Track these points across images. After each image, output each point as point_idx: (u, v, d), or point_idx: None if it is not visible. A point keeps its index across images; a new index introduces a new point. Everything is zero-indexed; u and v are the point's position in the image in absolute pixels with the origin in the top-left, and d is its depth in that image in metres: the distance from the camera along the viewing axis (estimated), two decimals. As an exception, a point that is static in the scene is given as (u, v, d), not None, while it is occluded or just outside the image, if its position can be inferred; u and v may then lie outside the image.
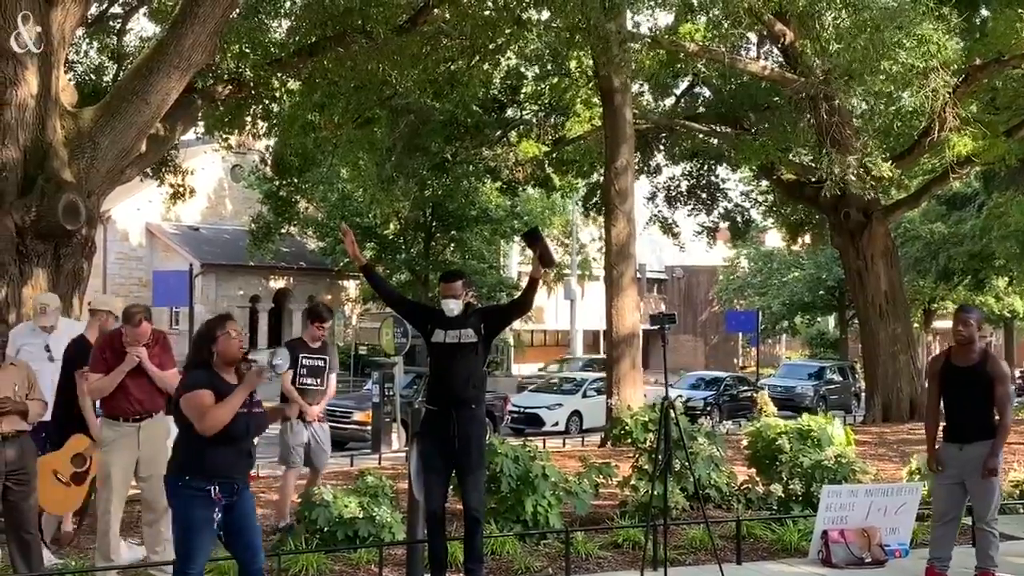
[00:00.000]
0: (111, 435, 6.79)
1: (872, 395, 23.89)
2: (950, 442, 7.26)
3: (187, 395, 5.47)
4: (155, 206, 36.00)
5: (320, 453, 9.06)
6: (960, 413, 7.23)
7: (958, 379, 7.23)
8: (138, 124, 10.35)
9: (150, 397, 6.84)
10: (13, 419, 6.42)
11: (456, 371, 6.84)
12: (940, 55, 15.69)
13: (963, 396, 7.20)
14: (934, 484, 7.53)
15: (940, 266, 38.19)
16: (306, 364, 9.01)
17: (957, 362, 7.27)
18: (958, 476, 7.18)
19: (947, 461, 7.25)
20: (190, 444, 5.48)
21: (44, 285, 9.64)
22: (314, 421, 8.93)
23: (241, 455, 5.61)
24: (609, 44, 16.24)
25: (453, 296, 6.92)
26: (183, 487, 5.47)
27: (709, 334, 59.28)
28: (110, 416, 6.82)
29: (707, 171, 29.39)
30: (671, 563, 7.73)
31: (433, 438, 6.92)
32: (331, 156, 21.70)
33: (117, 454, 6.76)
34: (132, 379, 6.73)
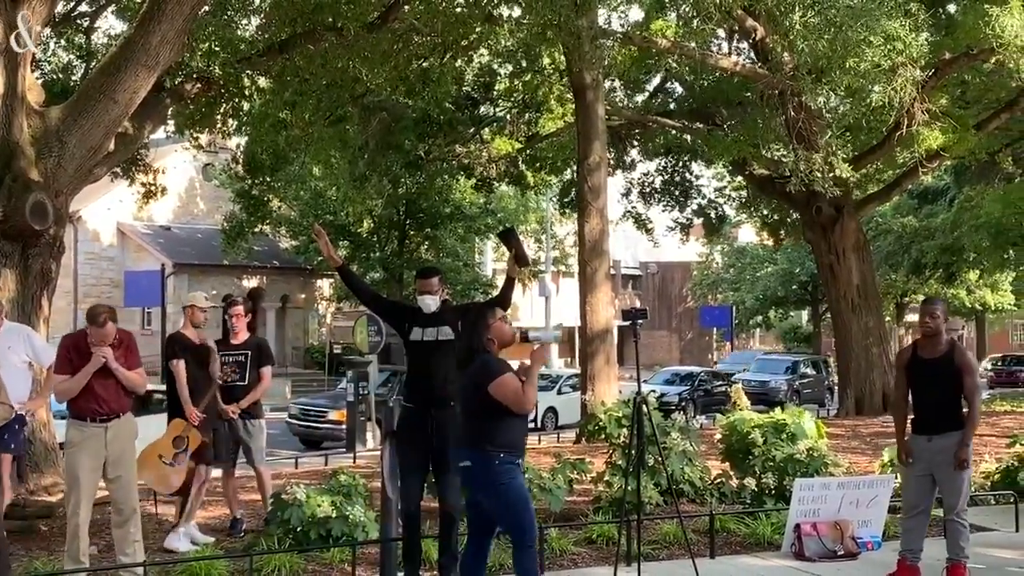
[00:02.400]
0: (78, 436, 6.73)
1: (845, 388, 24.07)
2: (918, 434, 7.29)
3: (499, 381, 5.85)
4: (126, 205, 35.77)
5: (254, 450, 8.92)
6: (928, 405, 7.26)
7: (925, 371, 7.26)
8: (106, 123, 10.22)
9: (116, 398, 6.77)
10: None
11: (434, 369, 6.83)
12: (907, 51, 15.76)
13: (930, 388, 7.23)
14: (904, 476, 7.57)
15: (912, 259, 38.52)
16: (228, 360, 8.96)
17: (924, 354, 7.31)
18: (927, 468, 7.21)
19: (916, 453, 7.29)
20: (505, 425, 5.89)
21: (12, 286, 9.53)
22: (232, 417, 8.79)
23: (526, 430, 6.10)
24: (580, 41, 16.24)
25: (429, 292, 6.91)
26: (510, 465, 5.87)
27: (684, 329, 59.48)
28: (76, 417, 6.76)
29: (681, 167, 29.49)
30: (645, 558, 7.74)
31: (410, 436, 6.90)
32: (303, 154, 21.59)
33: (84, 455, 6.70)
34: (98, 380, 6.66)
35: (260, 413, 9.04)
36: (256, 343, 9.07)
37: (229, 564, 7.28)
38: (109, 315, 6.72)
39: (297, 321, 40.64)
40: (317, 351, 39.14)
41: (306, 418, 21.67)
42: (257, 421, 8.93)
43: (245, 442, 8.85)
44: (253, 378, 8.86)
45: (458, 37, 16.70)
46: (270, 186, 24.51)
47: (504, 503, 5.95)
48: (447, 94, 21.74)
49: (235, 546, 8.26)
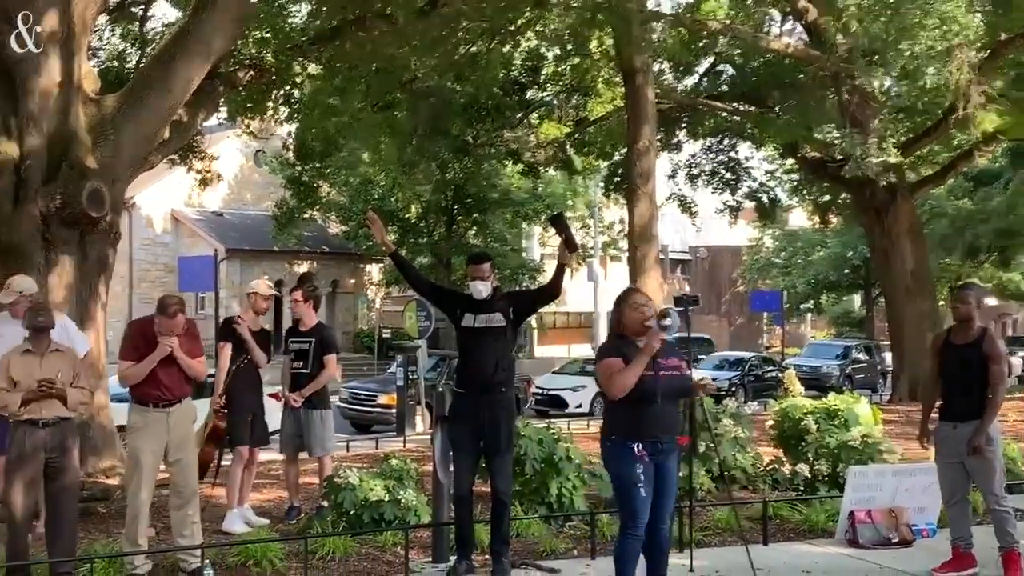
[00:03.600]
0: (140, 420, 6.83)
1: (898, 374, 23.79)
2: (945, 420, 7.24)
3: (598, 364, 6.08)
4: (179, 192, 36.16)
5: (312, 440, 8.90)
6: (954, 391, 7.20)
7: (955, 357, 7.19)
8: (161, 110, 10.35)
9: (179, 384, 6.88)
10: (54, 405, 6.49)
11: (485, 355, 6.85)
12: (963, 33, 15.51)
13: (958, 374, 7.16)
14: (937, 465, 7.49)
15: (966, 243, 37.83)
16: (292, 348, 9.01)
17: (955, 339, 7.25)
18: (956, 455, 7.14)
19: (943, 441, 7.24)
20: (613, 408, 6.06)
21: (70, 272, 9.68)
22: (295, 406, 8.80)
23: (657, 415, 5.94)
24: (630, 23, 16.16)
25: (481, 278, 6.92)
26: (620, 449, 5.96)
27: (733, 314, 59.02)
28: (139, 402, 6.86)
29: (729, 148, 29.19)
30: (697, 544, 7.72)
31: (462, 421, 6.94)
32: (352, 140, 21.70)
33: (146, 440, 6.80)
34: (162, 367, 6.76)
35: (325, 403, 8.95)
36: (319, 330, 8.99)
37: (284, 547, 7.36)
38: (179, 307, 6.83)
39: (347, 306, 40.90)
40: (366, 335, 39.37)
41: (356, 402, 21.81)
42: (318, 412, 8.84)
43: (304, 432, 8.84)
44: (316, 366, 8.83)
45: (507, 22, 16.69)
46: (320, 172, 24.64)
47: (612, 486, 6.22)
48: (495, 79, 21.73)
49: (290, 529, 8.36)
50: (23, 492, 6.47)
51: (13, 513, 6.48)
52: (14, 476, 6.48)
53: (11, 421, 6.55)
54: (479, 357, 6.88)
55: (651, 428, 5.95)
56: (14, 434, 6.51)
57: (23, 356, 6.60)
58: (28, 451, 6.45)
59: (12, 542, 6.54)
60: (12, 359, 6.59)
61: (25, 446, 6.45)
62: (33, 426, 6.46)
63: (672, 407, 6.12)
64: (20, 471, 6.48)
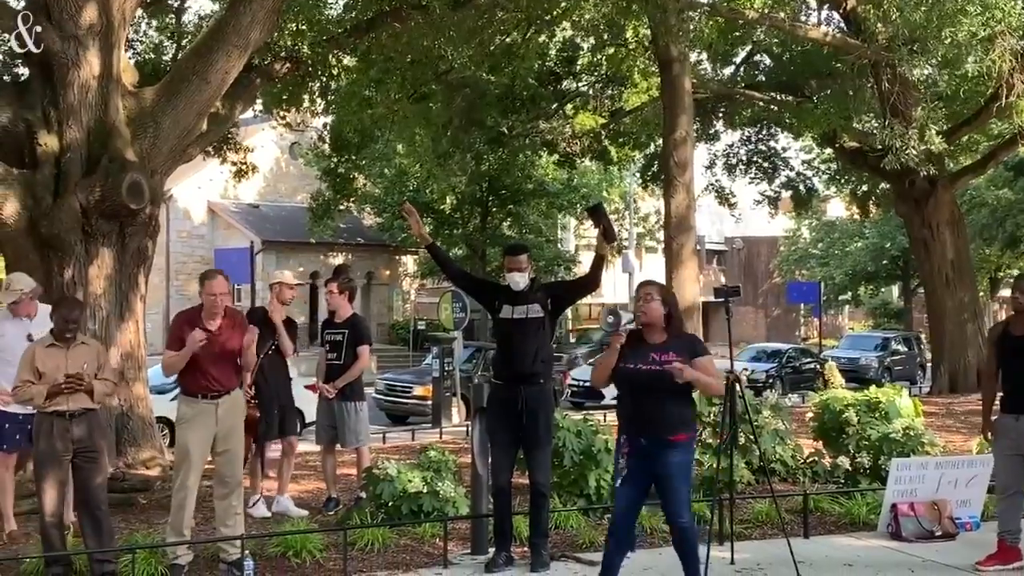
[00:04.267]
0: (189, 412, 6.85)
1: (938, 365, 23.52)
2: (1007, 412, 7.12)
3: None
4: (216, 184, 36.40)
5: (345, 432, 8.87)
6: (1017, 383, 7.07)
7: (1015, 348, 7.07)
8: (199, 103, 10.39)
9: (227, 375, 6.89)
10: (80, 397, 6.52)
11: (523, 346, 6.83)
12: (1005, 20, 15.27)
13: (1019, 366, 7.03)
14: (995, 456, 7.39)
15: (1007, 233, 37.36)
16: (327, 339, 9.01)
17: (1014, 331, 7.13)
18: (1017, 448, 7.03)
19: (1005, 432, 7.13)
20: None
21: (110, 264, 9.75)
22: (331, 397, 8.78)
23: (633, 411, 5.89)
24: (667, 13, 16.07)
25: (518, 270, 6.89)
26: (620, 443, 6.00)
27: (770, 306, 58.66)
28: (187, 394, 6.89)
29: (767, 138, 28.97)
30: (738, 537, 7.65)
31: (500, 413, 6.92)
32: (388, 132, 21.72)
33: (195, 431, 6.82)
34: (208, 358, 6.78)
35: (359, 394, 8.91)
36: (353, 322, 8.95)
37: (323, 538, 7.38)
38: (218, 272, 7.01)
39: (382, 297, 41.02)
40: (401, 327, 39.46)
41: (392, 393, 21.88)
42: (352, 404, 8.80)
43: (338, 423, 8.83)
44: (349, 358, 8.80)
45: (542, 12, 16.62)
46: (355, 164, 24.67)
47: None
48: (530, 69, 21.66)
49: (328, 521, 8.38)
50: (53, 484, 6.52)
51: (45, 505, 6.53)
52: (43, 468, 6.53)
53: (38, 413, 6.59)
54: (517, 348, 6.86)
55: (630, 423, 5.91)
56: (40, 426, 6.55)
57: (48, 349, 6.62)
58: (56, 443, 6.49)
59: (46, 533, 6.60)
60: (37, 351, 6.62)
61: (53, 438, 6.49)
62: (60, 418, 6.49)
63: (653, 403, 5.80)
64: (49, 463, 6.52)
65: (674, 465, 5.82)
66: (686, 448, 5.93)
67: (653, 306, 5.91)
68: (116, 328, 9.87)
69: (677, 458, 5.83)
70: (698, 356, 5.89)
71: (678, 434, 5.83)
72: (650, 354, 5.82)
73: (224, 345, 6.85)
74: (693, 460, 6.11)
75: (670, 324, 5.96)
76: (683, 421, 5.90)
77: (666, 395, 5.79)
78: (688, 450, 5.98)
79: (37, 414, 6.61)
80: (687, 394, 5.93)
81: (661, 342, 5.89)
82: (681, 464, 5.87)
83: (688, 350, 5.89)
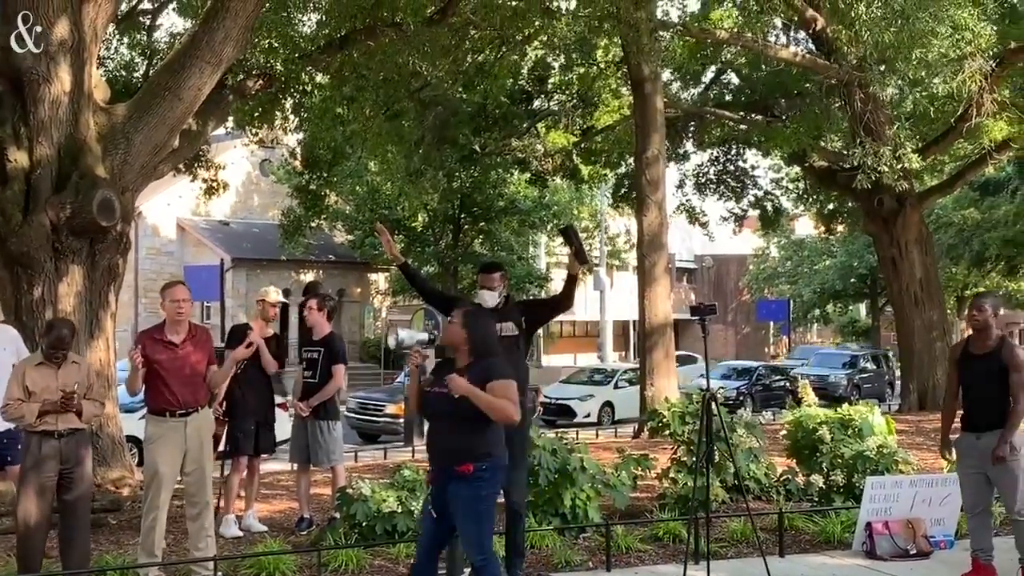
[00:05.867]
0: (157, 431, 6.77)
1: (907, 383, 23.66)
2: (968, 431, 7.18)
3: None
4: (185, 201, 36.18)
5: (317, 451, 8.79)
6: (976, 401, 7.14)
7: (974, 367, 7.14)
8: (171, 119, 10.31)
9: (193, 392, 6.81)
10: (69, 417, 6.46)
11: None
12: (975, 41, 15.47)
13: (979, 384, 7.10)
14: (959, 475, 7.42)
15: (973, 252, 37.82)
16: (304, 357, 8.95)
17: (974, 349, 7.18)
18: (979, 466, 7.07)
19: (966, 451, 7.18)
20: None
21: (80, 281, 9.64)
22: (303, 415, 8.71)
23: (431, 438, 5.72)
24: (639, 32, 16.13)
25: (489, 288, 6.88)
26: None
27: (740, 323, 58.96)
28: (154, 412, 6.80)
29: (736, 157, 29.18)
30: (713, 556, 7.63)
31: None
32: (360, 149, 21.67)
33: (163, 450, 6.74)
34: (174, 374, 6.70)
35: (333, 414, 8.82)
36: (329, 340, 8.89)
37: (296, 559, 7.30)
38: (178, 281, 7.16)
39: (353, 315, 40.86)
40: (373, 345, 39.31)
41: (364, 412, 21.76)
42: (325, 423, 8.71)
43: (311, 443, 8.73)
44: (324, 377, 8.73)
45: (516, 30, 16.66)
46: (327, 181, 24.60)
47: None
48: (503, 88, 21.69)
49: (301, 541, 8.30)
50: (36, 502, 6.44)
51: (27, 523, 6.44)
52: (28, 486, 6.46)
53: (25, 431, 6.51)
54: None
55: (428, 450, 5.74)
56: (28, 444, 6.47)
57: (38, 367, 6.56)
58: (43, 462, 6.41)
59: (24, 552, 6.50)
60: (27, 370, 6.55)
61: (40, 457, 6.41)
62: (48, 437, 6.42)
63: (444, 429, 5.60)
64: (34, 481, 6.45)
65: (460, 499, 5.50)
66: (472, 481, 5.49)
67: (452, 329, 5.73)
68: (86, 346, 9.74)
69: (462, 491, 5.49)
70: (492, 380, 5.53)
71: (464, 464, 5.47)
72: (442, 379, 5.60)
73: (189, 361, 6.79)
74: (487, 495, 5.59)
75: (473, 347, 5.68)
76: (471, 450, 5.51)
77: (456, 421, 5.49)
78: (474, 484, 5.50)
79: (24, 433, 6.53)
80: (482, 421, 5.50)
81: (463, 366, 5.63)
82: (467, 499, 5.50)
83: (483, 375, 5.54)
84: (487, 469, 5.54)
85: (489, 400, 5.46)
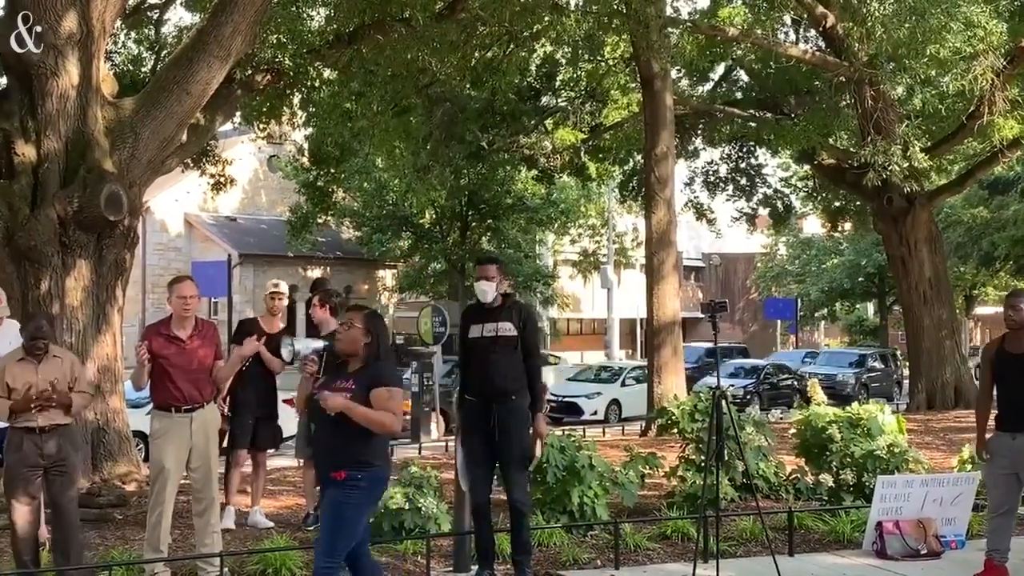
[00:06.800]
0: (162, 426, 6.74)
1: (916, 382, 23.60)
2: (1002, 431, 7.08)
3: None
4: (193, 197, 36.14)
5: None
6: (1012, 401, 7.03)
7: (1010, 366, 7.04)
8: (179, 114, 10.29)
9: (199, 387, 6.77)
10: (53, 413, 6.41)
11: (493, 365, 6.74)
12: (987, 38, 15.38)
13: (1015, 383, 7.00)
14: (987, 474, 7.35)
15: (982, 251, 37.69)
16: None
17: (1010, 348, 7.09)
18: (1011, 466, 6.99)
19: (999, 451, 7.08)
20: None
21: (87, 276, 9.63)
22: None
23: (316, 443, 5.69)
24: (649, 29, 16.08)
25: (486, 278, 6.83)
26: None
27: (747, 322, 58.85)
28: (160, 408, 6.77)
29: (746, 155, 29.10)
30: (722, 555, 7.58)
31: (474, 430, 6.85)
32: (368, 145, 21.64)
33: (169, 445, 6.71)
34: (180, 370, 6.67)
35: None
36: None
37: (303, 555, 7.26)
38: (185, 277, 7.03)
39: (360, 312, 40.82)
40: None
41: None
42: None
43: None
44: None
45: (525, 26, 16.61)
46: (335, 177, 24.56)
47: None
48: (511, 84, 21.63)
49: (308, 537, 8.26)
50: (24, 499, 6.43)
51: (15, 521, 6.42)
52: (14, 484, 6.44)
53: (9, 428, 6.48)
54: (487, 367, 6.76)
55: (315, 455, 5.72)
56: (11, 441, 6.45)
57: (19, 363, 6.51)
58: (26, 458, 6.38)
59: (17, 549, 6.49)
60: (8, 366, 6.50)
61: (23, 453, 6.38)
62: (31, 433, 6.38)
63: (326, 433, 5.46)
64: (19, 479, 6.43)
65: (328, 501, 5.44)
66: (343, 488, 5.39)
67: (352, 334, 5.55)
68: (93, 340, 9.73)
69: (332, 495, 5.42)
70: (377, 387, 5.44)
71: (339, 470, 5.39)
72: (338, 381, 5.51)
73: (196, 356, 6.75)
74: (357, 504, 5.47)
75: (370, 352, 5.55)
76: (349, 457, 5.40)
77: (339, 426, 5.36)
78: (345, 490, 5.40)
79: (8, 429, 6.49)
80: (365, 429, 5.41)
81: (354, 370, 5.54)
82: (334, 502, 5.41)
83: (369, 380, 5.45)
84: (362, 479, 5.44)
85: (366, 414, 5.38)
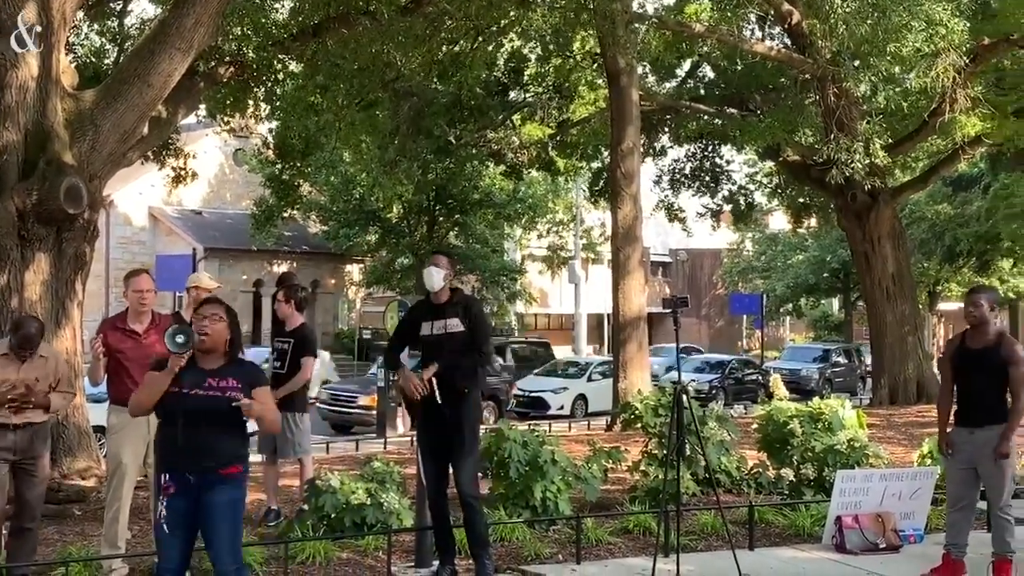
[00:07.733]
0: (119, 421, 6.68)
1: (879, 377, 23.81)
2: (961, 426, 7.15)
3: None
4: (157, 190, 35.86)
5: (283, 443, 8.72)
6: (971, 396, 7.10)
7: (970, 362, 7.10)
8: (140, 106, 10.17)
9: None
10: (31, 412, 6.38)
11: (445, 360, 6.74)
12: (948, 36, 15.52)
13: (975, 379, 7.06)
14: (947, 469, 7.42)
15: (945, 247, 38.08)
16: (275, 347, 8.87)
17: (971, 344, 7.14)
18: (970, 461, 7.06)
19: (959, 445, 7.14)
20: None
21: (46, 270, 9.50)
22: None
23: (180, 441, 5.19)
24: (615, 24, 16.10)
25: (436, 265, 6.85)
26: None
27: (713, 317, 59.15)
28: (117, 402, 6.72)
29: (711, 152, 29.23)
30: (683, 549, 7.61)
31: (427, 425, 6.88)
32: (334, 139, 21.54)
33: (126, 440, 6.66)
34: (136, 364, 6.61)
35: (299, 406, 8.77)
36: (299, 332, 8.85)
37: (264, 551, 7.23)
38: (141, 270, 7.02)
39: (327, 306, 40.67)
40: (346, 336, 39.17)
41: (336, 403, 21.66)
42: (292, 415, 8.62)
43: (278, 435, 8.50)
44: (293, 368, 8.68)
45: (491, 20, 16.59)
46: (300, 171, 24.44)
47: None
48: (478, 79, 21.60)
49: (269, 533, 8.22)
50: None
51: None
52: None
53: None
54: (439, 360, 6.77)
55: (178, 456, 5.21)
56: None
57: (2, 358, 6.46)
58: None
59: None
60: None
61: None
62: (3, 429, 6.32)
63: (207, 433, 5.18)
64: None
65: (224, 503, 5.24)
66: (238, 483, 5.35)
67: (221, 327, 5.35)
68: (52, 335, 9.58)
69: (227, 495, 5.26)
70: (257, 387, 5.36)
71: (231, 467, 5.27)
72: (207, 379, 5.26)
73: (152, 351, 6.68)
74: (244, 499, 5.50)
75: (231, 348, 5.42)
76: (237, 453, 5.34)
77: (222, 424, 5.23)
78: (239, 486, 5.38)
79: None
80: (240, 424, 5.34)
81: (218, 367, 5.33)
82: (231, 502, 5.29)
83: (248, 379, 5.35)
84: (244, 474, 5.44)
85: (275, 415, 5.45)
